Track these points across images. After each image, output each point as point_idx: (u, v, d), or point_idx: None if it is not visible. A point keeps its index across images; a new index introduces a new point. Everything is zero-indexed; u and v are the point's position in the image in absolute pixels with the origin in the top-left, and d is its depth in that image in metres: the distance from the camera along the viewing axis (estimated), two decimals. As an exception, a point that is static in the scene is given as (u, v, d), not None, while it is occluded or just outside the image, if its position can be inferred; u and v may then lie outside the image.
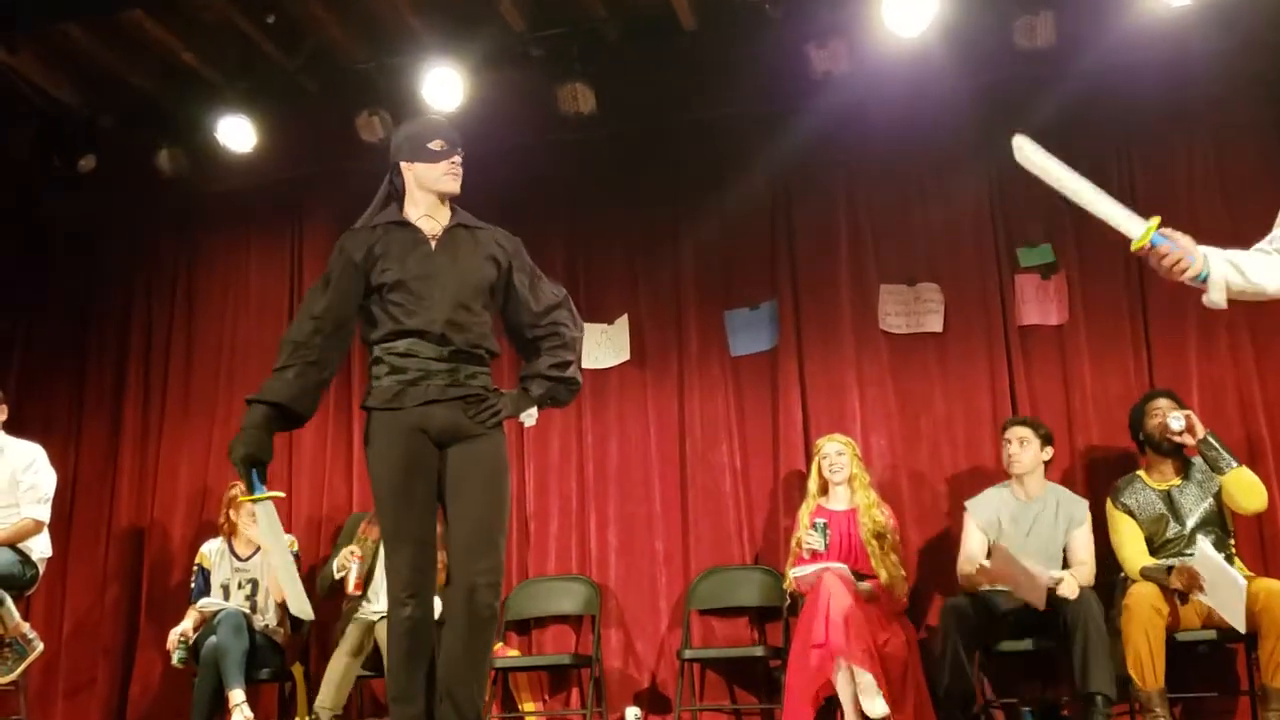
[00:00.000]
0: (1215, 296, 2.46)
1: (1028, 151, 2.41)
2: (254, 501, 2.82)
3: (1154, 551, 4.19)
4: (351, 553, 4.70)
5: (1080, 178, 2.39)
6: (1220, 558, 3.90)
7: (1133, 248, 2.42)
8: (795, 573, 4.48)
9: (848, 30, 5.08)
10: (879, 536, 4.54)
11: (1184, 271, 2.35)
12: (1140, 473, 4.34)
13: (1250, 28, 4.86)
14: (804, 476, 4.93)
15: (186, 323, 6.13)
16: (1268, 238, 2.60)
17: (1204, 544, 3.95)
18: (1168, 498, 4.21)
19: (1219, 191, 4.93)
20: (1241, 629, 3.83)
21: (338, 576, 4.75)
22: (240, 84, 5.65)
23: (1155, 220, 2.38)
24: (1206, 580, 3.88)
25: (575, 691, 5.23)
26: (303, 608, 3.09)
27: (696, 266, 5.50)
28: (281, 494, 3.05)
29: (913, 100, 5.19)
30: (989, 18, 5.00)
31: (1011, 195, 5.18)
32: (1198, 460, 4.25)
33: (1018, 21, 4.88)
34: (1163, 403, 4.33)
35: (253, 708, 4.61)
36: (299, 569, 5.07)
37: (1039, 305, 5.04)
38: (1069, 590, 4.03)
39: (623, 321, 5.54)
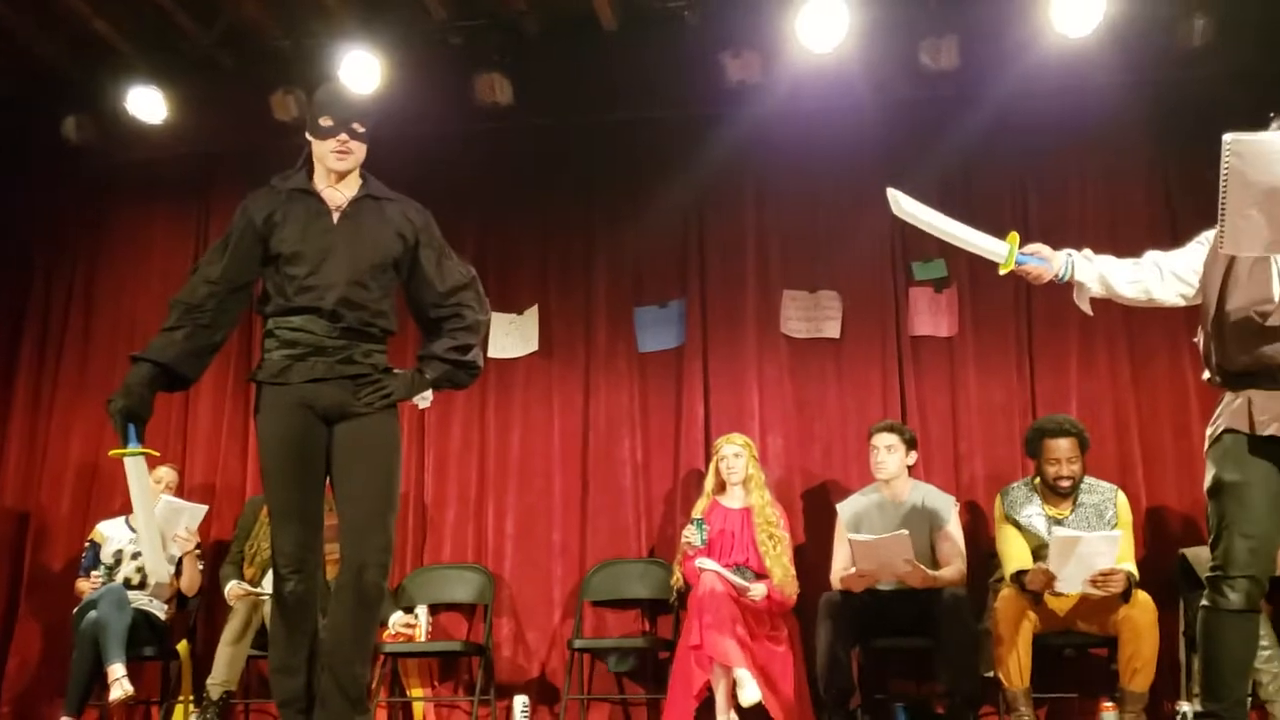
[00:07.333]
0: (1080, 304, 2.75)
1: (902, 203, 2.85)
2: (124, 456, 2.77)
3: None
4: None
5: (949, 219, 2.83)
6: (1076, 532, 3.94)
7: (1001, 271, 2.80)
8: (700, 564, 4.53)
9: (763, 42, 5.20)
10: (771, 538, 4.65)
11: (1044, 279, 2.78)
12: (1037, 495, 4.29)
13: (1141, 64, 5.06)
14: (703, 474, 5.03)
15: (86, 294, 5.99)
16: (1173, 251, 2.84)
17: (1059, 531, 4.01)
18: (1056, 525, 4.19)
19: (1107, 228, 5.09)
20: (1111, 564, 3.88)
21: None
22: (153, 56, 5.55)
23: (1013, 241, 2.74)
24: (1057, 565, 3.89)
25: (465, 679, 5.25)
26: (158, 570, 3.04)
27: (608, 262, 5.56)
28: (155, 452, 2.99)
29: (823, 113, 5.33)
30: (898, 37, 5.15)
31: (911, 211, 5.34)
32: (1088, 499, 4.24)
33: (923, 42, 5.05)
34: (1063, 447, 4.21)
35: (135, 686, 4.54)
36: (201, 549, 5.02)
37: (931, 317, 5.23)
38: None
39: (532, 312, 5.58)
